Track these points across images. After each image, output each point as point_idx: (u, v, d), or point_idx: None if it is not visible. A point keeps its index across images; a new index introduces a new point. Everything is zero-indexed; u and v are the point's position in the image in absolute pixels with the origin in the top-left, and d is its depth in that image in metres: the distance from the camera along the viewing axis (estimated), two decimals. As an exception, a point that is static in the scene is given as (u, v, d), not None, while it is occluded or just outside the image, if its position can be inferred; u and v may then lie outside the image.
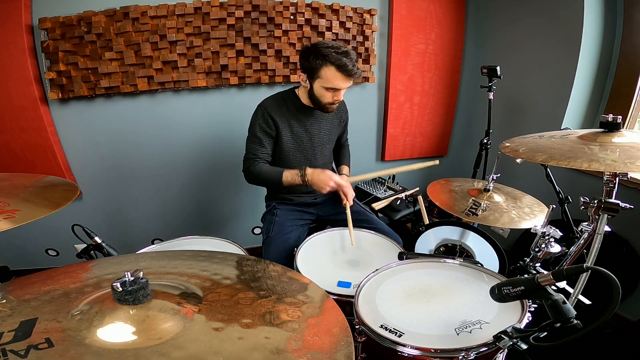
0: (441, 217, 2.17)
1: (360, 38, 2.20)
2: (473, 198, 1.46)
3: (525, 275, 0.98)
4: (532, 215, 1.37)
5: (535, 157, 0.95)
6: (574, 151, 0.91)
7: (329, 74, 1.34)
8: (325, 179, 1.41)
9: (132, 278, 0.61)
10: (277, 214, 1.61)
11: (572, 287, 1.05)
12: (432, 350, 0.80)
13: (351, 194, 1.54)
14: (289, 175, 1.44)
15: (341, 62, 1.31)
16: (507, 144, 1.09)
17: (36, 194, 0.99)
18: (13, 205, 0.88)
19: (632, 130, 1.32)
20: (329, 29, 2.10)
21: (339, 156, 1.81)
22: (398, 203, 2.15)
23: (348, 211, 1.47)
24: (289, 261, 1.41)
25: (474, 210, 1.38)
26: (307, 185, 1.43)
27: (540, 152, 0.96)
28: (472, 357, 0.78)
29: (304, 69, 1.41)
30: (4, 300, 0.63)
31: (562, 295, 0.69)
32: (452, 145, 2.78)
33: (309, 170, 1.43)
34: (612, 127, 0.96)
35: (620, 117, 0.96)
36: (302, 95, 1.52)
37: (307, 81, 1.42)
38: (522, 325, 0.84)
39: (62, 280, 0.72)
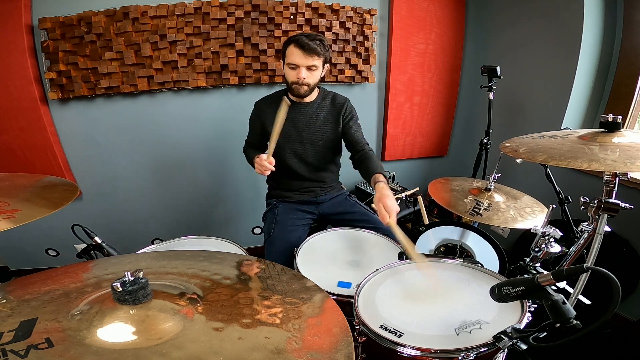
0: (441, 217, 2.17)
1: (360, 38, 2.20)
2: (474, 197, 1.47)
3: (525, 276, 0.98)
4: (533, 215, 1.37)
5: (535, 157, 0.95)
6: (574, 151, 0.91)
7: (289, 51, 1.45)
8: (257, 165, 1.46)
9: (132, 278, 0.61)
10: (278, 212, 1.61)
11: (572, 287, 1.05)
12: (432, 351, 0.80)
13: (395, 208, 1.25)
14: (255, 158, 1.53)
15: (297, 38, 1.42)
16: (507, 144, 1.09)
17: (36, 194, 0.99)
18: (13, 205, 0.88)
19: (632, 130, 1.32)
20: (329, 29, 2.10)
21: (367, 165, 1.50)
22: (398, 203, 2.15)
23: (397, 231, 1.19)
24: (290, 260, 1.41)
25: (477, 210, 1.38)
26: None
27: (540, 152, 0.96)
28: (471, 358, 0.78)
29: (282, 55, 1.52)
30: (4, 300, 0.63)
31: (562, 296, 0.69)
32: (452, 145, 2.78)
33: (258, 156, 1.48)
34: (612, 127, 0.96)
35: (620, 117, 0.96)
36: (287, 88, 1.57)
37: (283, 68, 1.53)
38: (522, 326, 0.84)
39: (62, 280, 0.72)
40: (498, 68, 1.94)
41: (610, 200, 0.95)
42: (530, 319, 0.88)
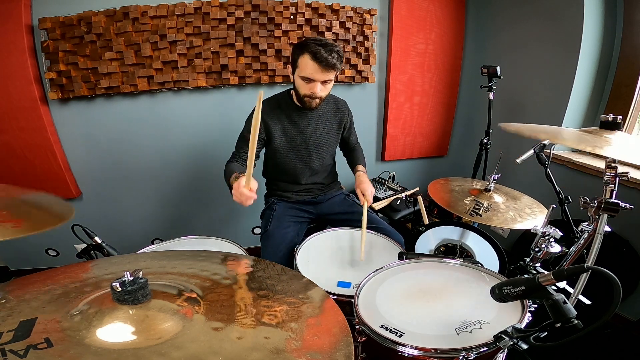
0: (441, 217, 2.17)
1: (360, 38, 2.20)
2: (474, 198, 1.46)
3: (526, 275, 0.98)
4: (533, 216, 1.37)
5: (539, 135, 0.95)
6: (577, 136, 0.91)
7: (304, 63, 1.32)
8: (235, 193, 1.18)
9: (132, 278, 0.61)
10: (275, 209, 1.61)
11: (573, 287, 1.05)
12: (432, 350, 0.80)
13: (370, 190, 1.51)
14: (233, 181, 1.30)
15: (315, 50, 1.29)
16: (501, 124, 1.08)
17: (33, 206, 0.98)
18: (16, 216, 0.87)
19: (629, 134, 1.32)
20: (329, 29, 2.10)
21: (352, 157, 1.78)
22: (398, 203, 2.16)
23: (365, 213, 1.40)
24: (286, 256, 1.41)
25: (477, 211, 1.38)
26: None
27: (543, 132, 0.96)
28: (472, 357, 0.78)
29: (290, 62, 1.42)
30: (4, 300, 0.63)
31: (563, 295, 0.69)
32: (452, 145, 2.78)
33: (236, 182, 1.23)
34: (613, 127, 0.96)
35: (620, 117, 0.96)
36: (295, 95, 1.51)
37: (292, 75, 1.43)
38: (523, 325, 0.83)
39: (61, 280, 0.72)
40: (498, 68, 1.94)
41: (610, 200, 0.95)
42: (531, 318, 0.88)
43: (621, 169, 0.93)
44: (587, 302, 1.07)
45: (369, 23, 2.19)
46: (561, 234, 1.11)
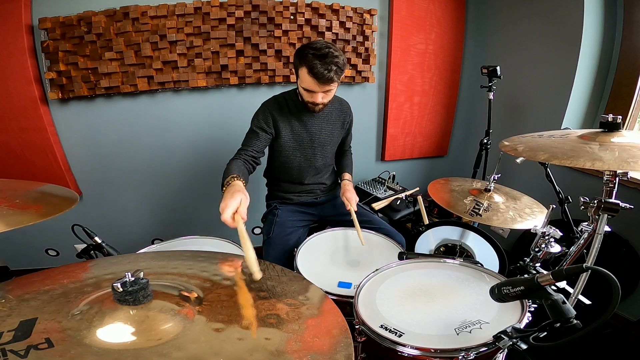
0: (441, 217, 2.17)
1: (360, 38, 2.20)
2: (474, 198, 1.46)
3: (525, 275, 0.98)
4: (533, 216, 1.37)
5: (537, 155, 0.94)
6: (576, 150, 0.91)
7: (303, 75, 1.32)
8: (223, 204, 1.02)
9: (133, 278, 0.61)
10: (278, 214, 1.60)
11: (572, 287, 1.05)
12: (432, 350, 0.80)
13: (354, 199, 1.54)
14: (228, 182, 1.19)
15: (312, 65, 1.26)
16: (507, 143, 1.08)
17: (36, 199, 0.98)
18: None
19: (631, 131, 1.32)
20: (329, 29, 2.10)
21: (340, 163, 1.79)
22: (398, 203, 2.16)
23: (354, 216, 1.46)
24: (289, 262, 1.41)
25: (477, 211, 1.38)
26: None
27: (542, 151, 0.95)
28: (472, 357, 0.78)
29: (294, 67, 1.41)
30: (4, 300, 0.63)
31: (562, 295, 0.69)
32: (452, 145, 2.78)
33: (230, 186, 1.13)
34: (612, 127, 0.96)
35: (620, 117, 0.96)
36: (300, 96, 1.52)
37: (297, 80, 1.42)
38: (522, 325, 0.84)
39: (61, 280, 0.72)
40: (498, 68, 1.94)
41: (610, 200, 0.95)
42: (530, 318, 0.88)
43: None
44: (587, 302, 1.07)
45: (369, 23, 2.19)
46: (561, 234, 1.11)
